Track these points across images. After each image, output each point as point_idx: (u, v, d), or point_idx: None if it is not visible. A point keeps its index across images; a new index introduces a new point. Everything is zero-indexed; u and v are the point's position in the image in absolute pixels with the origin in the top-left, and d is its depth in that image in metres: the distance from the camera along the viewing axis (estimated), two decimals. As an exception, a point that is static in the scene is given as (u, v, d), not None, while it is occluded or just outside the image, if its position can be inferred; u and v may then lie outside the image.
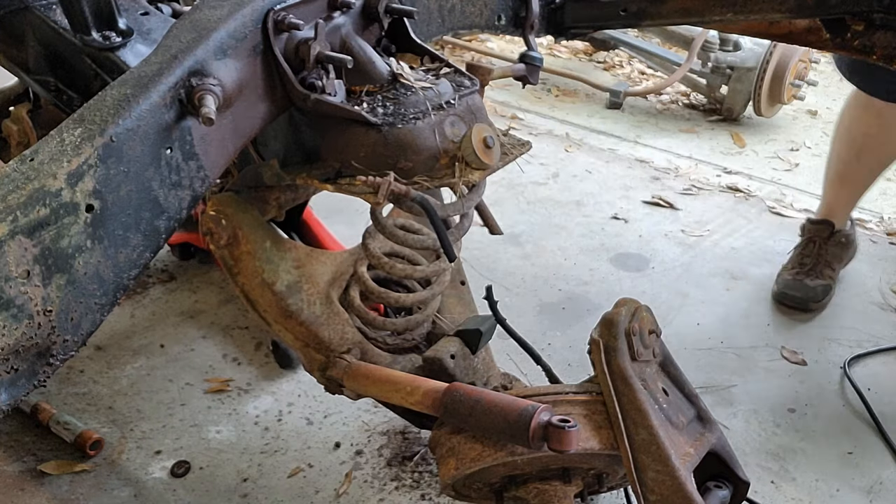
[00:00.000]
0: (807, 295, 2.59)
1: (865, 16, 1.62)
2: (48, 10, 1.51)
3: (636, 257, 2.89)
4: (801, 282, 2.61)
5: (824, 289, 2.61)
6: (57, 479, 1.93)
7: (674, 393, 1.38)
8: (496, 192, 3.20)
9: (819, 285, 2.60)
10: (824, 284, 2.61)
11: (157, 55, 1.13)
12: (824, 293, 2.60)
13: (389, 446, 2.04)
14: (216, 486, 1.93)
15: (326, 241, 2.33)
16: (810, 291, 2.59)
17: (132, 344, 2.37)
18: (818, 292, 2.60)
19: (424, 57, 1.41)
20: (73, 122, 1.03)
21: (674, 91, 4.32)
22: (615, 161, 3.60)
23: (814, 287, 2.60)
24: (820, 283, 2.61)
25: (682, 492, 1.27)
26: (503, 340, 1.76)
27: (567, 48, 4.90)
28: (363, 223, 1.53)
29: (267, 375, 2.27)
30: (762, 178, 3.50)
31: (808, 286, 2.60)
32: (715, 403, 2.18)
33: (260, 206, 1.47)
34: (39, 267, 0.98)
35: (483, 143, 1.29)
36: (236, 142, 1.21)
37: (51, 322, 1.00)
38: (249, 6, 1.20)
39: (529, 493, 1.39)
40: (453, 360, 1.52)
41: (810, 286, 2.60)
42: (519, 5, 1.73)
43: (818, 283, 2.61)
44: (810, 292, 2.59)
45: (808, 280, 2.61)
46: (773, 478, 2.00)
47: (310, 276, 1.48)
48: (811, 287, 2.59)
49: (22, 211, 0.95)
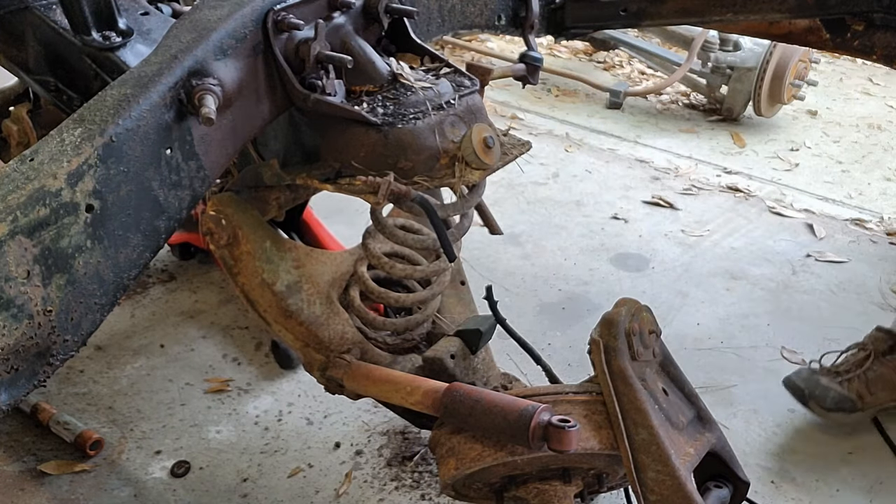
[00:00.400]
0: (812, 391, 2.09)
1: (865, 16, 1.62)
2: (48, 10, 1.51)
3: (636, 257, 2.89)
4: (815, 376, 2.11)
5: (837, 399, 2.06)
6: (57, 479, 1.93)
7: (674, 393, 1.38)
8: (496, 192, 3.20)
9: (835, 392, 2.07)
10: (842, 396, 2.06)
11: (157, 55, 1.13)
12: (834, 403, 2.06)
13: (389, 446, 2.04)
14: (216, 486, 1.93)
15: (326, 241, 2.33)
16: (818, 389, 2.08)
17: (132, 344, 2.37)
18: (827, 397, 2.07)
19: (424, 57, 1.41)
20: (73, 122, 1.03)
21: (674, 91, 4.32)
22: (615, 161, 3.60)
23: (826, 388, 2.07)
24: (838, 391, 2.07)
25: (683, 492, 1.27)
26: (503, 340, 1.76)
27: (567, 48, 4.90)
28: (363, 223, 1.53)
29: (267, 375, 2.27)
30: (762, 178, 3.50)
31: (820, 384, 2.09)
32: (715, 403, 2.18)
33: (260, 206, 1.47)
34: (39, 267, 0.98)
35: (483, 143, 1.29)
36: (236, 142, 1.21)
37: (51, 322, 1.00)
38: (249, 6, 1.20)
39: (529, 493, 1.39)
40: (453, 360, 1.52)
41: (823, 385, 2.08)
42: (519, 5, 1.73)
43: (835, 389, 2.07)
44: (818, 390, 2.08)
45: (825, 379, 2.09)
46: (773, 478, 2.00)
47: (310, 276, 1.48)
48: (823, 386, 2.08)
49: (22, 211, 0.95)
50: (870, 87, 4.56)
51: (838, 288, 2.72)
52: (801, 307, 2.63)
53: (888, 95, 4.45)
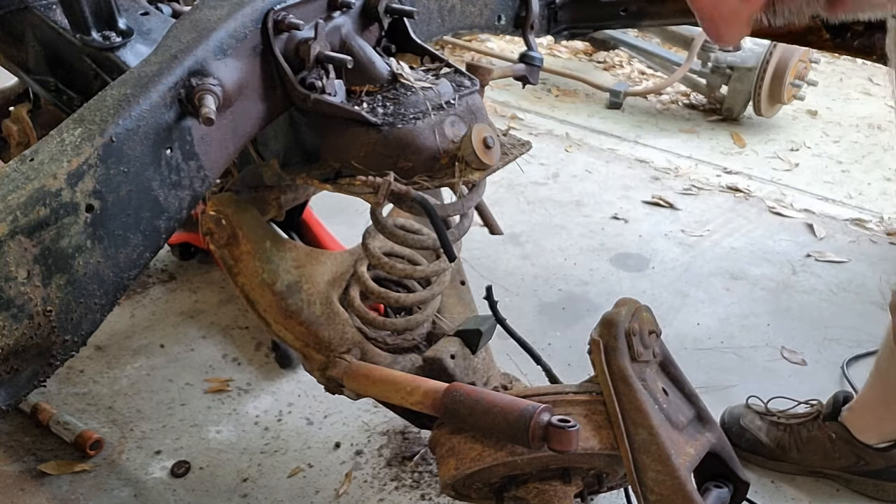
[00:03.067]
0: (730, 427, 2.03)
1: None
2: (48, 10, 1.51)
3: (636, 257, 2.89)
4: (743, 412, 2.05)
5: (751, 442, 2.01)
6: (57, 479, 1.93)
7: (674, 393, 1.38)
8: (496, 192, 3.20)
9: (751, 435, 2.01)
10: (756, 440, 2.00)
11: (157, 55, 1.13)
12: (748, 445, 2.00)
13: (389, 446, 2.04)
14: (216, 486, 1.93)
15: (326, 241, 2.33)
16: (735, 427, 2.03)
17: (132, 344, 2.37)
18: (742, 437, 2.01)
19: (424, 57, 1.41)
20: (73, 122, 1.03)
21: (674, 91, 4.32)
22: (615, 161, 3.60)
23: (743, 428, 2.02)
24: (754, 435, 2.01)
25: (683, 492, 1.27)
26: (503, 340, 1.76)
27: (567, 48, 4.90)
28: (363, 223, 1.53)
29: (267, 375, 2.27)
30: (762, 178, 3.50)
31: (740, 423, 2.04)
32: (715, 403, 2.17)
33: (260, 206, 1.47)
34: (39, 267, 0.98)
35: (483, 143, 1.29)
36: (236, 142, 1.21)
37: (51, 322, 1.00)
38: (249, 6, 1.20)
39: (529, 493, 1.38)
40: (453, 360, 1.52)
41: (742, 424, 2.03)
42: (519, 5, 1.73)
43: (752, 432, 2.02)
44: (734, 427, 2.03)
45: (750, 418, 2.04)
46: (773, 478, 2.00)
47: (310, 276, 1.48)
48: (741, 426, 2.03)
49: (22, 211, 0.95)
50: (870, 87, 4.56)
51: (838, 288, 2.72)
52: (801, 307, 2.63)
53: (888, 95, 4.44)
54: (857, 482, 1.95)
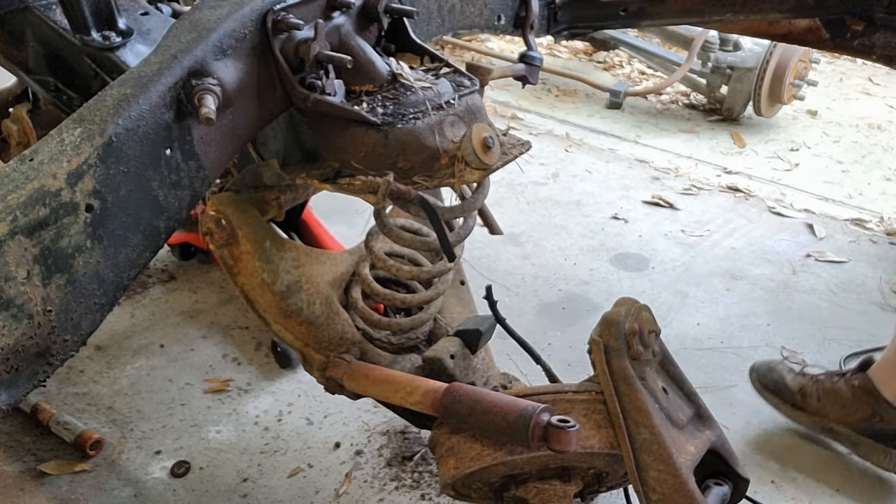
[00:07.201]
0: (759, 370, 2.16)
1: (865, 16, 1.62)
2: (48, 10, 1.51)
3: (636, 257, 2.89)
4: (776, 363, 2.17)
5: (776, 382, 2.11)
6: (57, 479, 1.93)
7: (673, 392, 1.38)
8: (496, 192, 3.20)
9: (778, 375, 2.11)
10: (781, 382, 2.10)
11: (156, 55, 1.13)
12: (772, 384, 2.11)
13: (389, 446, 2.04)
14: (216, 486, 1.93)
15: (326, 241, 2.33)
16: (764, 369, 2.15)
17: (132, 344, 2.37)
18: (769, 377, 2.12)
19: (424, 57, 1.41)
20: (73, 122, 1.03)
21: (674, 91, 4.32)
22: (615, 161, 3.60)
23: (772, 369, 2.13)
24: (782, 376, 2.11)
25: (684, 490, 1.27)
26: (503, 340, 1.76)
27: (567, 48, 4.90)
28: (363, 223, 1.54)
29: (267, 375, 2.27)
30: (762, 178, 3.50)
31: (770, 367, 2.15)
32: (715, 403, 2.16)
33: (260, 206, 1.47)
34: (39, 267, 0.98)
35: (483, 143, 1.29)
36: (236, 142, 1.21)
37: (51, 322, 1.00)
38: (249, 6, 1.20)
39: (529, 492, 1.39)
40: (453, 360, 1.52)
41: (771, 367, 2.14)
42: (519, 5, 1.73)
43: (780, 373, 2.12)
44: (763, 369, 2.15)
45: (780, 367, 2.15)
46: (773, 478, 2.00)
47: (310, 276, 1.48)
48: (771, 368, 2.14)
49: (22, 211, 0.95)
50: (870, 87, 4.56)
51: (838, 288, 2.72)
52: (801, 307, 2.63)
53: (888, 95, 4.45)
54: (864, 446, 1.95)
